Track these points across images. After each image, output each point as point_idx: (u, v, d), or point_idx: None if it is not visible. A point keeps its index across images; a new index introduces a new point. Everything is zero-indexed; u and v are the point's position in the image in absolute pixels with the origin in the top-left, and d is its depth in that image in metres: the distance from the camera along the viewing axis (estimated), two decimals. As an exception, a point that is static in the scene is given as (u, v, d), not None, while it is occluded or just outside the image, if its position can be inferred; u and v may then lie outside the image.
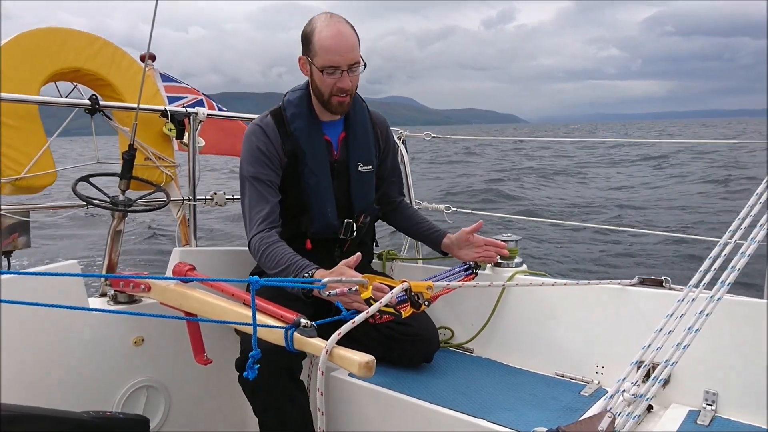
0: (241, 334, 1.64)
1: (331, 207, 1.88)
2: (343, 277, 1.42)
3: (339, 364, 1.19)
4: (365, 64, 1.78)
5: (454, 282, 1.88)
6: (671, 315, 1.22)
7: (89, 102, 2.11)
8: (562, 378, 1.82)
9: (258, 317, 1.22)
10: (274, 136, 1.83)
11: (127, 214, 2.11)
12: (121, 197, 2.10)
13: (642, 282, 1.77)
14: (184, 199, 2.37)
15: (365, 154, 1.95)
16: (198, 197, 2.38)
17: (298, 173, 1.85)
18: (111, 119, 2.26)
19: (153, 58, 2.81)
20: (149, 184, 2.31)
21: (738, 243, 1.26)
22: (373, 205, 2.01)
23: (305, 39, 1.77)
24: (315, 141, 1.87)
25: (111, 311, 1.84)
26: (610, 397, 1.14)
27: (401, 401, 1.63)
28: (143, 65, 2.34)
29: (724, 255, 1.27)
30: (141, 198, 2.20)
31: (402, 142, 2.66)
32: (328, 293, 1.39)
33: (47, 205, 2.13)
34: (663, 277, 1.75)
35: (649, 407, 1.53)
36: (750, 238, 1.21)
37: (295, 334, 1.24)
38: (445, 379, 1.77)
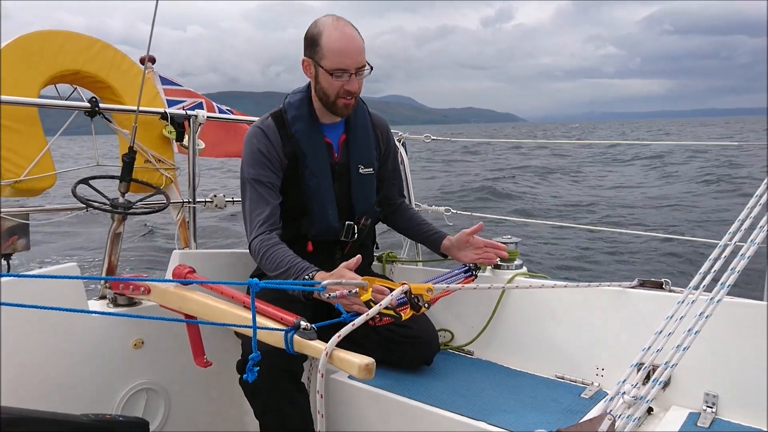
0: (242, 336, 1.64)
1: (332, 209, 1.88)
2: (343, 280, 1.42)
3: (339, 366, 1.19)
4: (371, 67, 1.79)
5: (454, 284, 1.88)
6: (671, 317, 1.22)
7: (89, 104, 2.11)
8: (562, 380, 1.82)
9: (258, 320, 1.22)
10: (274, 138, 1.83)
11: (127, 216, 2.11)
12: (121, 200, 2.10)
13: (642, 284, 1.77)
14: (183, 202, 2.37)
15: (366, 156, 1.95)
16: (198, 200, 2.39)
17: (298, 175, 1.85)
18: (111, 122, 2.27)
19: (153, 60, 2.81)
20: (149, 186, 2.31)
21: (738, 245, 1.26)
22: (374, 207, 2.01)
23: (311, 41, 1.76)
24: (316, 143, 1.87)
25: (110, 314, 1.84)
26: (610, 400, 1.14)
27: (401, 404, 1.63)
28: (143, 68, 2.35)
29: (723, 257, 1.27)
30: (141, 200, 2.20)
31: (402, 144, 2.66)
32: (328, 295, 1.39)
33: (47, 208, 2.13)
34: (663, 279, 1.74)
35: (650, 409, 1.53)
36: (750, 239, 1.21)
37: (295, 336, 1.24)
38: (445, 382, 1.77)
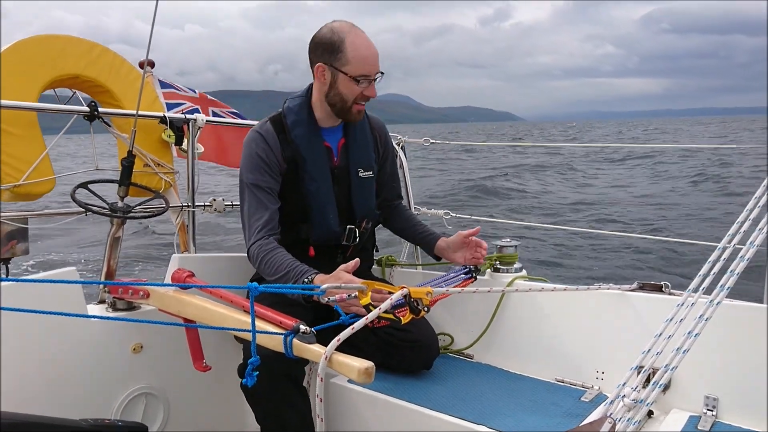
0: (242, 340, 1.64)
1: (333, 213, 1.88)
2: (343, 284, 1.42)
3: (338, 370, 1.19)
4: (382, 73, 1.81)
5: (453, 288, 1.88)
6: (671, 319, 1.21)
7: (88, 109, 2.11)
8: (562, 383, 1.81)
9: (257, 324, 1.22)
10: (273, 142, 1.83)
11: (126, 220, 2.11)
12: (120, 204, 2.10)
13: (642, 287, 1.77)
14: (183, 206, 2.37)
15: (365, 159, 1.96)
16: (197, 204, 2.38)
17: (298, 180, 1.85)
18: (110, 126, 2.27)
19: (152, 64, 2.82)
20: (148, 190, 2.31)
21: (737, 247, 1.26)
22: (375, 210, 2.01)
23: (330, 47, 1.75)
24: (315, 147, 1.87)
25: (110, 318, 1.84)
26: (610, 403, 1.13)
27: (401, 407, 1.62)
28: (142, 72, 2.35)
29: (723, 259, 1.27)
30: (140, 204, 2.20)
31: (401, 147, 2.66)
32: (327, 299, 1.39)
33: (46, 212, 2.13)
34: (663, 282, 1.74)
35: (650, 413, 1.53)
36: (749, 242, 1.20)
37: (294, 340, 1.23)
38: (445, 385, 1.77)
